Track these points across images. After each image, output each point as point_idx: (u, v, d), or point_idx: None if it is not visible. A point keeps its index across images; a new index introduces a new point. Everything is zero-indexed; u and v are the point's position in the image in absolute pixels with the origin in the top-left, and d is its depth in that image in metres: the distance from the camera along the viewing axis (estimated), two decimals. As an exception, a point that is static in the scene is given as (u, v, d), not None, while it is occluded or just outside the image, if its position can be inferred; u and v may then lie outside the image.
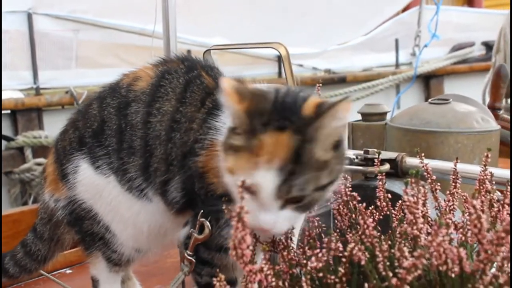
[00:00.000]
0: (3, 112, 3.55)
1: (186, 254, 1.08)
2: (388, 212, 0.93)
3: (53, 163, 1.21)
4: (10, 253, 1.35)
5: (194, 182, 1.03)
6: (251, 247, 0.69)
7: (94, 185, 1.13)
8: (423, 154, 1.03)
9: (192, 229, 1.06)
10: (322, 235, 0.92)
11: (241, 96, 0.85)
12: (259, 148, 0.81)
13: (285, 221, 0.85)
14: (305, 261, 0.77)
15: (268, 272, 0.73)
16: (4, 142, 3.52)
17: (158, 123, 1.07)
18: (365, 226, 0.72)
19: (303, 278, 0.76)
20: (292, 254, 0.85)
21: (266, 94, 0.88)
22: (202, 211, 1.04)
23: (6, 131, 3.58)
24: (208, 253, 1.07)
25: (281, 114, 0.84)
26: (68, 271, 1.64)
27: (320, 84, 1.29)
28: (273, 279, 0.74)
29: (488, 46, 5.79)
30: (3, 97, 3.55)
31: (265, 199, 0.82)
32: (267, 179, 0.80)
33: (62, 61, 3.95)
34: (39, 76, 3.74)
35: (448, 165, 1.22)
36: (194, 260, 1.08)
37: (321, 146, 0.83)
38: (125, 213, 1.13)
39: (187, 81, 1.08)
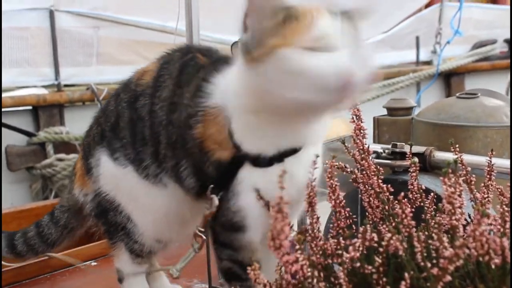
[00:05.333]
0: (25, 108, 3.60)
1: (197, 230, 1.09)
2: (421, 204, 0.91)
3: (80, 159, 1.26)
4: (22, 231, 1.38)
5: (202, 161, 1.04)
6: (289, 238, 0.68)
7: (114, 176, 1.17)
8: (457, 146, 1.01)
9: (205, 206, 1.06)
10: (353, 225, 0.91)
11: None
12: None
13: None
14: (340, 252, 0.76)
15: (304, 262, 0.73)
16: (25, 138, 3.55)
17: (160, 109, 1.10)
18: (403, 216, 0.70)
19: (340, 268, 0.74)
20: (326, 244, 0.83)
21: None
22: (212, 186, 1.03)
23: (28, 127, 3.61)
24: (225, 235, 1.07)
25: None
26: (93, 263, 1.66)
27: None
28: (309, 270, 0.73)
29: (510, 43, 5.70)
30: (25, 93, 3.60)
31: None
32: None
33: (83, 58, 3.96)
34: (61, 72, 3.76)
35: (477, 159, 1.20)
36: (204, 237, 1.09)
37: None
38: (143, 200, 1.16)
39: (182, 64, 1.11)
